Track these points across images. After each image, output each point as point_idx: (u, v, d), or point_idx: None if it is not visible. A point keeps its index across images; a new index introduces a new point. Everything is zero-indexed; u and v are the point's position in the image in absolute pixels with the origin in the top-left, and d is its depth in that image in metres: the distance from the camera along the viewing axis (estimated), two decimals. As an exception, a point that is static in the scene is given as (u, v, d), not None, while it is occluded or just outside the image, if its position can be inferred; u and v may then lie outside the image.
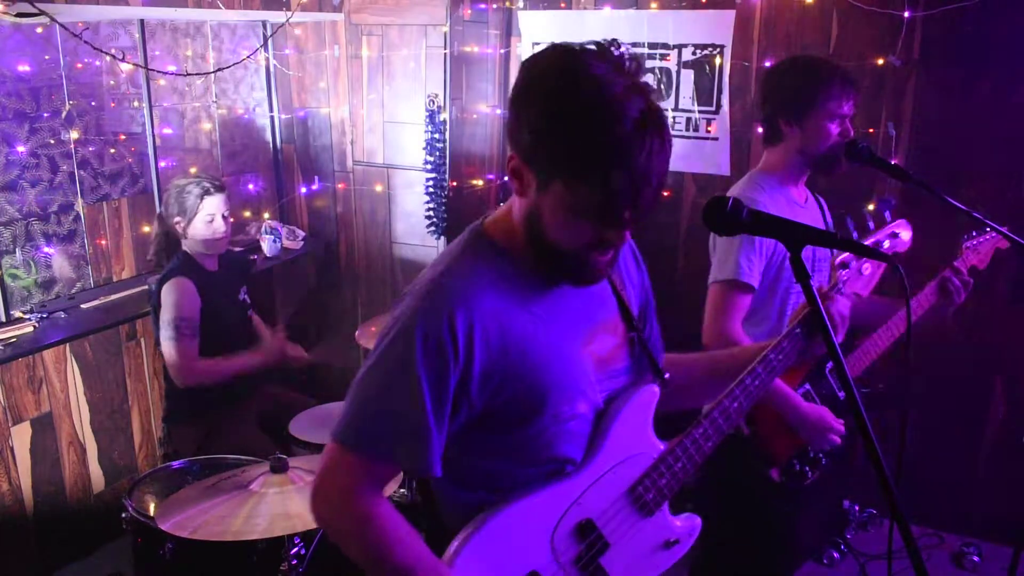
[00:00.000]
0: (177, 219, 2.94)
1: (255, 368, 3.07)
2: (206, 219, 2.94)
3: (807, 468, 2.33)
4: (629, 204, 1.19)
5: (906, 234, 1.88)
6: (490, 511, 1.37)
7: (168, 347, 2.86)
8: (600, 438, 1.45)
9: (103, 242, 3.45)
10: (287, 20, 3.69)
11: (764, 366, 1.54)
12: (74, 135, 3.28)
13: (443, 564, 1.32)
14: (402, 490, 2.60)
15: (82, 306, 3.29)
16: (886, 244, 1.81)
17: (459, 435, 1.32)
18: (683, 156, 3.65)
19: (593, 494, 1.44)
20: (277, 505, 2.02)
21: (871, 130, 3.32)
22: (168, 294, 2.87)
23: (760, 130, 2.42)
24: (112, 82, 3.48)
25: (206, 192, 2.94)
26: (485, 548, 1.35)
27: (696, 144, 3.68)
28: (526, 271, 1.33)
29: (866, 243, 1.76)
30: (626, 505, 1.48)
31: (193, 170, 3.80)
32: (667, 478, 1.50)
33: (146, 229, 3.58)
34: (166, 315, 2.86)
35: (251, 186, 4.19)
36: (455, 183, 3.98)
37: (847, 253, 1.67)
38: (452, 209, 3.98)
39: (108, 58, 3.17)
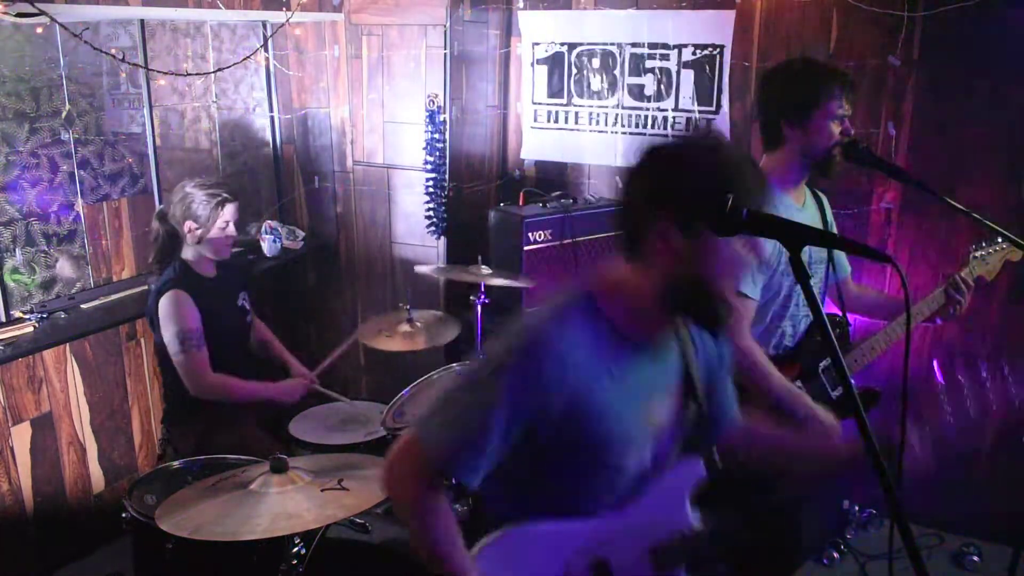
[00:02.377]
0: (190, 224, 2.94)
1: (268, 399, 3.06)
2: (221, 226, 2.97)
3: None
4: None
5: None
6: (515, 524, 1.53)
7: (179, 360, 2.88)
8: (638, 495, 1.57)
9: (103, 242, 3.45)
10: (287, 20, 3.69)
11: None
12: (74, 135, 3.28)
13: (472, 566, 1.45)
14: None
15: (82, 306, 3.29)
16: None
17: (518, 474, 1.49)
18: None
19: (618, 540, 1.56)
20: (277, 505, 2.01)
21: (871, 130, 3.32)
22: (166, 309, 2.87)
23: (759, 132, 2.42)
24: (112, 82, 3.48)
25: (226, 200, 2.96)
26: (502, 553, 1.50)
27: (696, 144, 3.67)
28: (618, 337, 1.48)
29: None
30: (645, 561, 1.58)
31: (192, 173, 3.80)
32: (688, 550, 1.60)
33: (146, 229, 3.58)
34: (169, 330, 2.86)
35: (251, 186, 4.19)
36: (455, 183, 3.98)
37: None
38: (452, 209, 3.97)
39: (108, 58, 3.17)
